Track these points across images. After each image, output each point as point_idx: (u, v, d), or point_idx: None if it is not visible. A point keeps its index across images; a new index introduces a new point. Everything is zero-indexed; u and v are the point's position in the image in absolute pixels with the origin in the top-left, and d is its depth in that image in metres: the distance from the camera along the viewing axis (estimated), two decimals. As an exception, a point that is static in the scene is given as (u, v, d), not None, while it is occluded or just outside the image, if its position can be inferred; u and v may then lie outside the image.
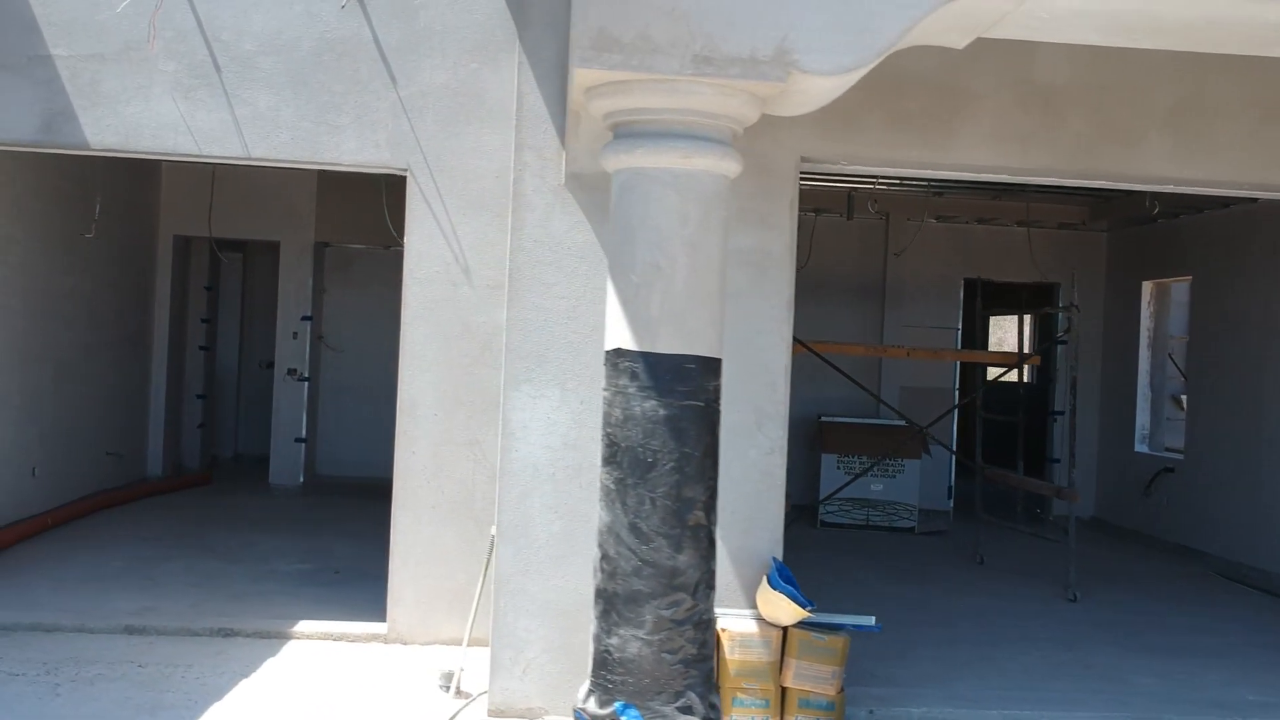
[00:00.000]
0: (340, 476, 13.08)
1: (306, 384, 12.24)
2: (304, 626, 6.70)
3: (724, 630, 5.26)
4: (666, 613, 3.22)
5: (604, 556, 3.31)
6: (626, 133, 3.29)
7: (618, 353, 3.28)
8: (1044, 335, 17.67)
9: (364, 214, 12.65)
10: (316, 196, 12.08)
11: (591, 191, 5.45)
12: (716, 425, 3.26)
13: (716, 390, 3.28)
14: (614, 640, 3.25)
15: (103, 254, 10.30)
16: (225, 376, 14.42)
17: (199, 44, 6.55)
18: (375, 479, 13.08)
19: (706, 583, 3.29)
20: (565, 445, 5.47)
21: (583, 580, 5.45)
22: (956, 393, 12.62)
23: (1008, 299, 14.84)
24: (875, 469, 11.12)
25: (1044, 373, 13.49)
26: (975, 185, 10.92)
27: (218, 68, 6.56)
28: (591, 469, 5.46)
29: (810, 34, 3.14)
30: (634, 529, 3.23)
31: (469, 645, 6.59)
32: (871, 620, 5.51)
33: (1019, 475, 10.08)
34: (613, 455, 3.30)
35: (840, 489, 11.07)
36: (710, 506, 3.30)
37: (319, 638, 6.64)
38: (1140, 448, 12.00)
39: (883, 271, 12.65)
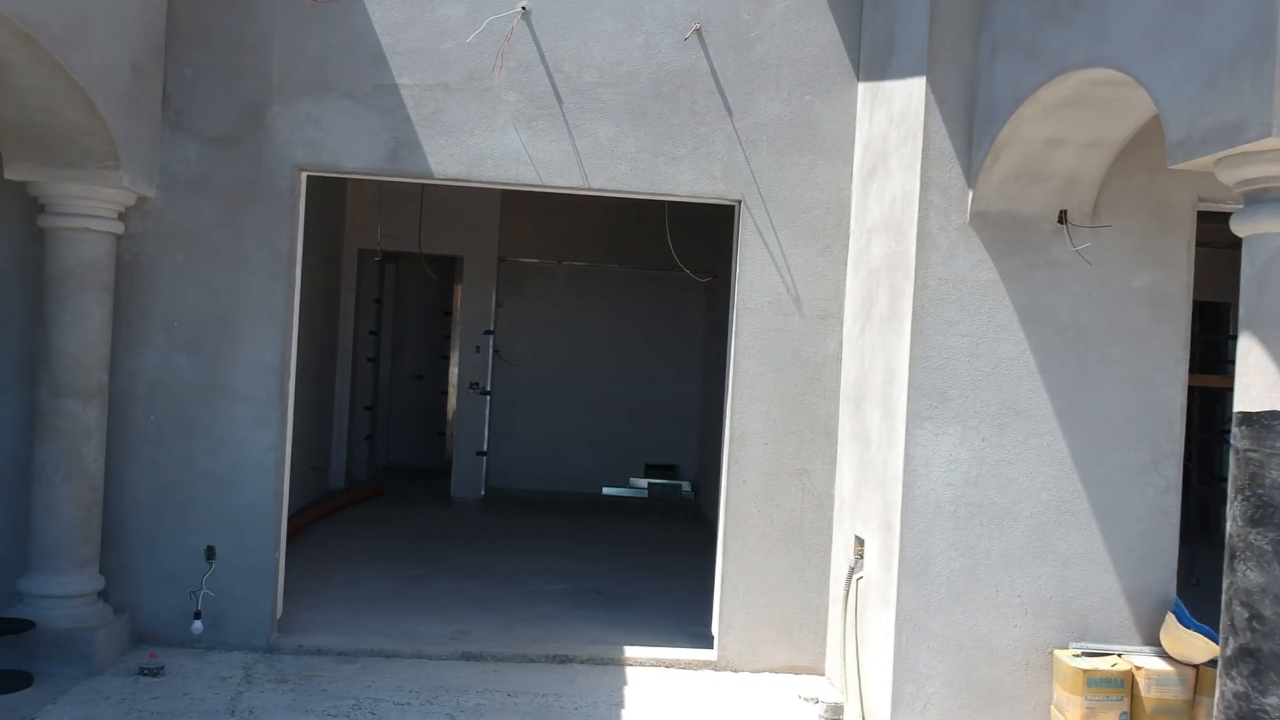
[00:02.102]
0: (512, 489, 13.15)
1: (488, 398, 12.29)
2: (633, 653, 6.74)
3: (1138, 669, 5.32)
4: (1328, 674, 3.26)
5: (1254, 616, 3.35)
6: (1292, 199, 3.34)
7: (1273, 415, 3.31)
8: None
9: (542, 229, 12.83)
10: (500, 212, 12.13)
11: (995, 230, 5.51)
12: (1363, 487, 3.30)
13: (1363, 452, 3.32)
14: (1271, 700, 3.30)
15: (307, 269, 10.32)
16: (381, 388, 14.48)
17: (541, 75, 6.59)
18: (547, 492, 13.20)
19: (1352, 642, 3.33)
20: (966, 482, 5.52)
21: (982, 617, 5.52)
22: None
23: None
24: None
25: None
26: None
27: (559, 99, 6.60)
28: (992, 506, 5.54)
29: None
30: (1296, 591, 3.26)
31: (800, 674, 6.66)
32: (1270, 659, 5.54)
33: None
34: (1268, 517, 3.33)
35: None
36: (1357, 567, 3.34)
37: (650, 664, 6.68)
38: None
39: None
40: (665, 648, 6.87)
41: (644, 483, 13.18)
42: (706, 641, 6.97)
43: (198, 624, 6.36)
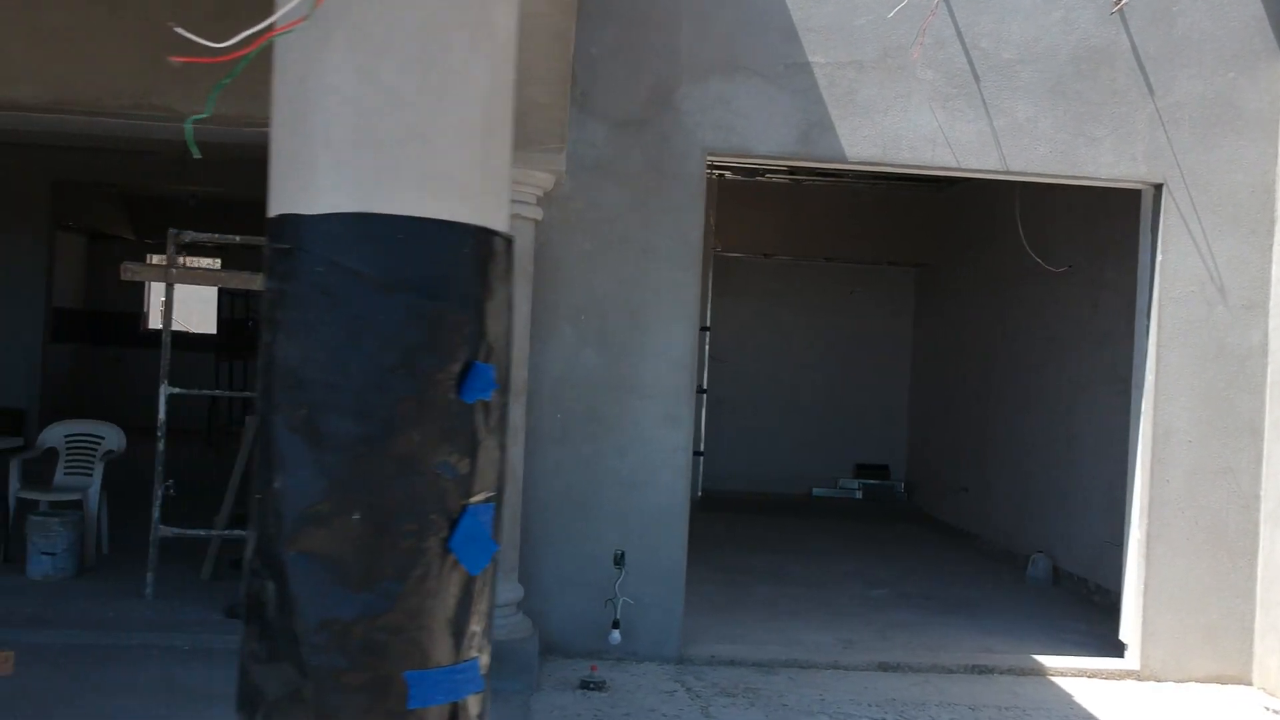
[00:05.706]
0: (721, 490, 12.75)
1: (705, 396, 11.91)
2: (1050, 663, 6.39)
3: None
4: None
5: None
6: None
7: None
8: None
9: (751, 223, 12.48)
10: (716, 205, 11.75)
11: None
12: None
13: None
14: None
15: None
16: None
17: (957, 52, 6.24)
18: (756, 493, 12.76)
19: None
20: None
21: None
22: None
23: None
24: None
25: None
26: None
27: (976, 77, 6.25)
28: None
29: None
30: None
31: (1226, 684, 6.31)
32: None
33: None
34: None
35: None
36: None
37: (1072, 674, 6.32)
38: None
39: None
40: (1079, 657, 6.52)
41: (855, 484, 12.80)
42: (1100, 648, 6.64)
43: (615, 634, 6.00)
